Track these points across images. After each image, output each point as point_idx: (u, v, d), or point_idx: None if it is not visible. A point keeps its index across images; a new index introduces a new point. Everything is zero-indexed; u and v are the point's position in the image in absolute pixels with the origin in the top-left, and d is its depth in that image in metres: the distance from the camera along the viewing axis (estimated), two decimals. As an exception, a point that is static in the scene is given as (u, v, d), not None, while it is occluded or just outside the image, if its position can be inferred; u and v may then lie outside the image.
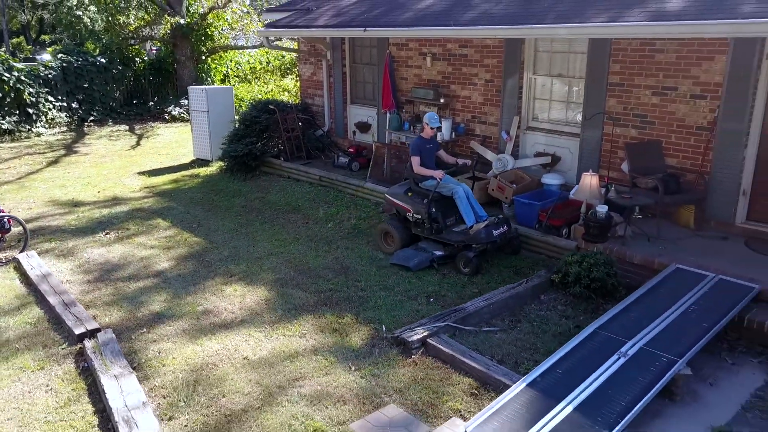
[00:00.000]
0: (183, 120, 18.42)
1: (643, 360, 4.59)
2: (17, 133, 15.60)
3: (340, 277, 6.73)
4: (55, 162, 12.96)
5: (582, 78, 7.87)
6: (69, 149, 14.34)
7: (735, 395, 4.57)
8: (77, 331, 5.26)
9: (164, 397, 4.51)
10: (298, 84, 19.68)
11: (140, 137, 16.04)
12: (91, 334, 5.26)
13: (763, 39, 6.13)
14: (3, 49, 26.99)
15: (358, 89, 11.33)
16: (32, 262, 6.95)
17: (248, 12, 20.86)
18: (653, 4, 6.29)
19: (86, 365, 4.91)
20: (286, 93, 19.83)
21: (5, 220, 7.33)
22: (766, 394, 4.55)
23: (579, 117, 7.98)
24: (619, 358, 4.62)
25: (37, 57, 25.09)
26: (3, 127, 15.32)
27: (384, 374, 4.78)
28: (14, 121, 15.65)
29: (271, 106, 11.39)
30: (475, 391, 4.54)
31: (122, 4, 20.46)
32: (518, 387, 4.40)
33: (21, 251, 7.32)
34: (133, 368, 4.84)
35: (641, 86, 7.24)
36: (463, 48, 9.16)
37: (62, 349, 5.21)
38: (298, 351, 5.16)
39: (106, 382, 4.44)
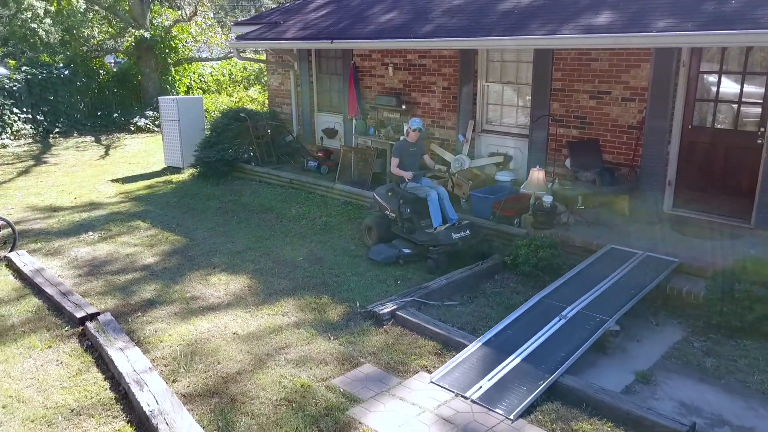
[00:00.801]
0: (149, 131, 18.75)
1: (580, 321, 5.40)
2: (-17, 145, 15.76)
3: (315, 266, 7.37)
4: (26, 172, 13.22)
5: (529, 84, 8.75)
6: (38, 160, 14.58)
7: (657, 348, 5.41)
8: (78, 315, 5.76)
9: (165, 366, 5.08)
10: (263, 94, 20.27)
11: (108, 147, 16.35)
12: (91, 317, 5.76)
13: (679, 49, 7.09)
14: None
15: (324, 97, 12.03)
16: (24, 259, 7.37)
17: (212, 25, 21.35)
18: (585, 20, 7.20)
19: (90, 343, 5.43)
20: (251, 103, 20.38)
21: (-6, 221, 7.71)
22: (683, 347, 5.40)
23: (527, 120, 8.85)
24: (560, 320, 5.42)
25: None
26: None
27: (359, 341, 5.45)
28: (-21, 133, 15.80)
29: (241, 114, 11.98)
30: (439, 351, 5.25)
31: (80, 17, 20.65)
32: (475, 345, 5.15)
33: (10, 251, 7.71)
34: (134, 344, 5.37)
35: (580, 91, 8.15)
36: (422, 58, 9.97)
37: (65, 331, 5.70)
38: (282, 326, 5.80)
39: (113, 354, 4.98)
